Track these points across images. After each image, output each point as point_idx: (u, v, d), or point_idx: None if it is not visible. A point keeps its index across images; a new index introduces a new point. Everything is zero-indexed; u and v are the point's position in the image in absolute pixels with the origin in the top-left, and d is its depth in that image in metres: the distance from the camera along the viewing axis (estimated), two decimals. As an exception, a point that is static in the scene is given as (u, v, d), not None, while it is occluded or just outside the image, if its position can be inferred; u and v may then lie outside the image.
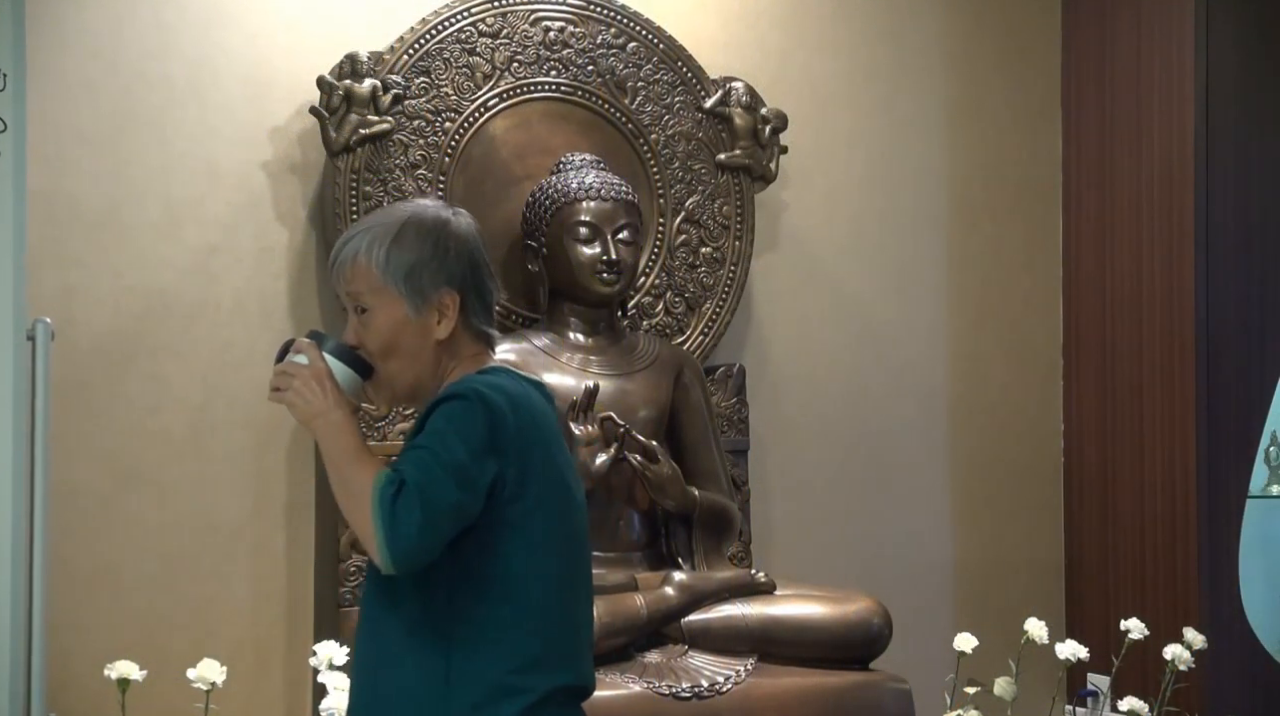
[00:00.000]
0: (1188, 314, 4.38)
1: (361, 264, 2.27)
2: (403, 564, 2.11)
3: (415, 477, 2.10)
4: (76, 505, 3.70)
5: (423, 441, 2.16)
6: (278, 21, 3.96)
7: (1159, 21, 4.50)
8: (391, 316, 2.27)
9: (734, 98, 4.26)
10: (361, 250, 2.28)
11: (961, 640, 3.85)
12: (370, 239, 2.28)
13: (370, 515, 2.10)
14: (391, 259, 2.26)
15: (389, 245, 2.27)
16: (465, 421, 2.16)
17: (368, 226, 2.31)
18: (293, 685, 3.89)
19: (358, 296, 2.28)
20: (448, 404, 2.18)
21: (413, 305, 2.26)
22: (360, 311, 2.29)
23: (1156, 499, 4.48)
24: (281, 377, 2.24)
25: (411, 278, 2.26)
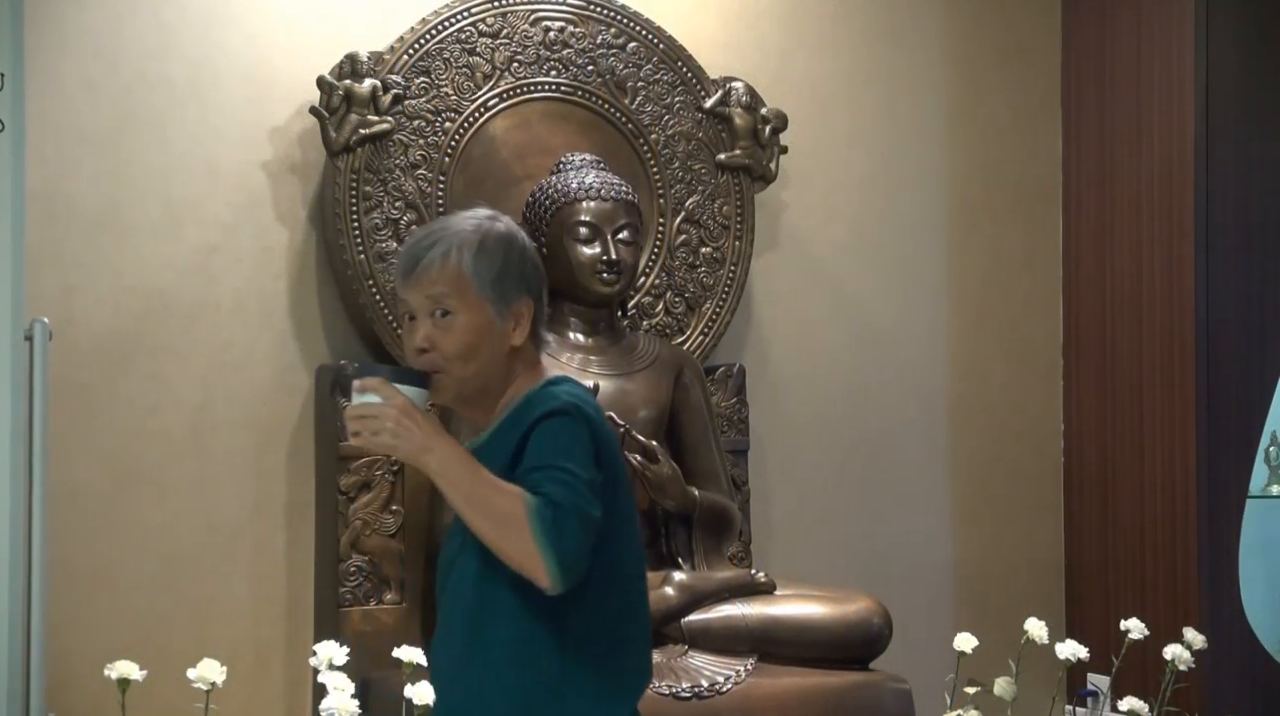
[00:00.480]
0: (1188, 314, 4.38)
1: (451, 268, 2.29)
2: (571, 580, 2.17)
3: (566, 497, 2.16)
4: (76, 505, 3.70)
5: (550, 460, 2.20)
6: (278, 22, 3.96)
7: (1159, 21, 4.50)
8: (475, 321, 2.29)
9: (734, 98, 4.26)
10: (451, 255, 2.29)
11: (961, 640, 3.84)
12: (455, 244, 2.30)
13: (532, 538, 2.14)
14: (479, 265, 2.29)
15: (475, 252, 2.30)
16: (577, 437, 2.23)
17: (444, 233, 2.32)
18: (293, 685, 3.89)
19: (440, 299, 2.29)
20: (554, 421, 2.23)
21: (497, 311, 2.30)
22: (441, 314, 2.29)
23: (1156, 499, 4.48)
24: (363, 422, 2.21)
25: (497, 285, 2.30)
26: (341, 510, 3.81)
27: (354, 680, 3.19)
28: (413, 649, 3.26)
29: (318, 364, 3.95)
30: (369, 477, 3.84)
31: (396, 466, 3.85)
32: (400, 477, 3.86)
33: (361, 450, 3.82)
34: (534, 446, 2.22)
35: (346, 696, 3.08)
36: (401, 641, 3.41)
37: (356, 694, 3.12)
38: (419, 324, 2.31)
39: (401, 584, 3.84)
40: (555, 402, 2.25)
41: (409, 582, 3.84)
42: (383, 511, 3.84)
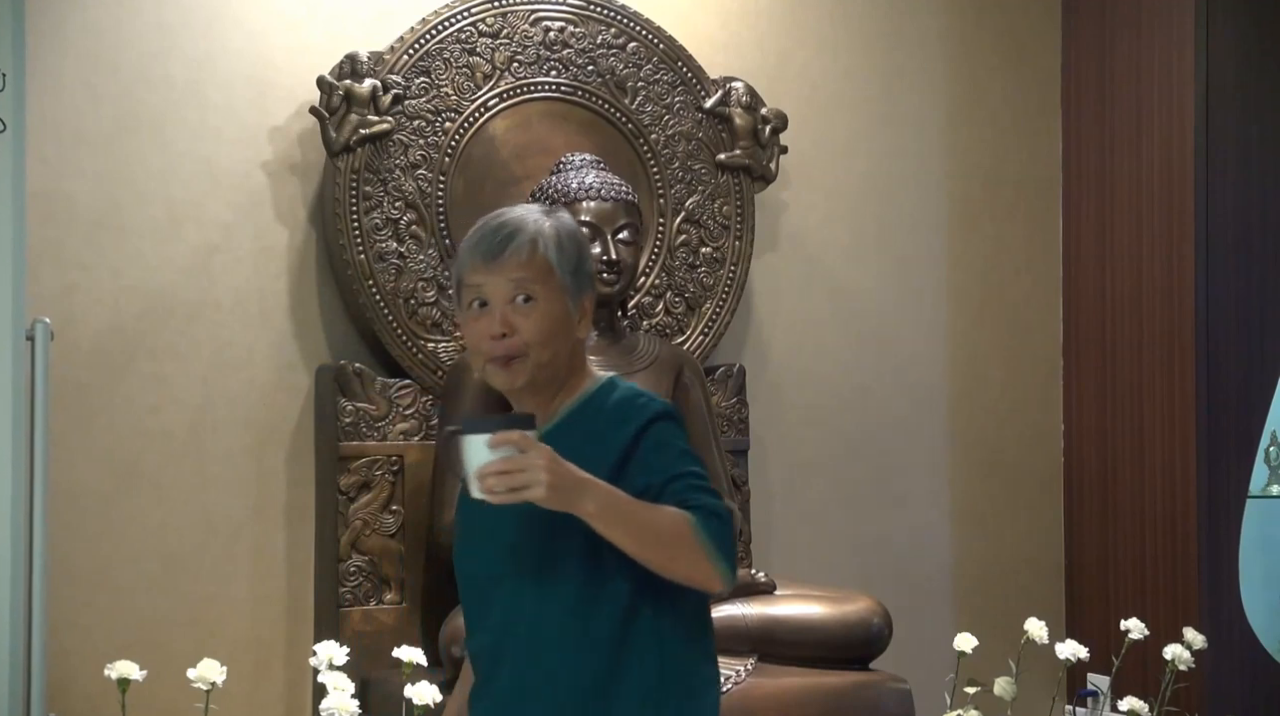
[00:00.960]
0: (1188, 314, 4.38)
1: (540, 257, 2.28)
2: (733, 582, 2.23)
3: (715, 502, 2.20)
4: (76, 505, 3.70)
5: (681, 467, 2.23)
6: (278, 22, 3.96)
7: (1159, 21, 4.50)
8: (555, 309, 2.29)
9: (734, 98, 4.26)
10: (539, 243, 2.29)
11: (961, 640, 3.84)
12: (539, 233, 2.30)
13: (705, 551, 2.16)
14: (562, 255, 2.30)
15: (557, 244, 2.31)
16: (683, 438, 2.28)
17: (522, 222, 2.32)
18: (293, 685, 3.90)
19: (523, 284, 2.28)
20: (664, 425, 2.26)
21: (574, 302, 2.31)
22: (524, 299, 2.28)
23: (1156, 499, 4.48)
24: (508, 477, 2.10)
25: (574, 277, 2.31)
26: (341, 510, 3.82)
27: (354, 680, 3.19)
28: (413, 649, 3.26)
29: (318, 364, 3.95)
30: (369, 477, 3.84)
31: (396, 466, 3.85)
32: (400, 478, 3.86)
33: (361, 450, 3.82)
34: (654, 453, 2.23)
35: (346, 696, 3.07)
36: (401, 641, 3.41)
37: (356, 694, 3.12)
38: (493, 309, 2.29)
39: (401, 584, 3.84)
40: (656, 405, 2.28)
41: (409, 582, 3.84)
42: (383, 511, 3.85)
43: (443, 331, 3.93)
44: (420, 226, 3.91)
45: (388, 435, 3.86)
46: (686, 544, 2.15)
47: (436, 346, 3.91)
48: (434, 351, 3.91)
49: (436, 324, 3.92)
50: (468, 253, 2.32)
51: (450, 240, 3.92)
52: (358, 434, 3.83)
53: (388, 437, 3.86)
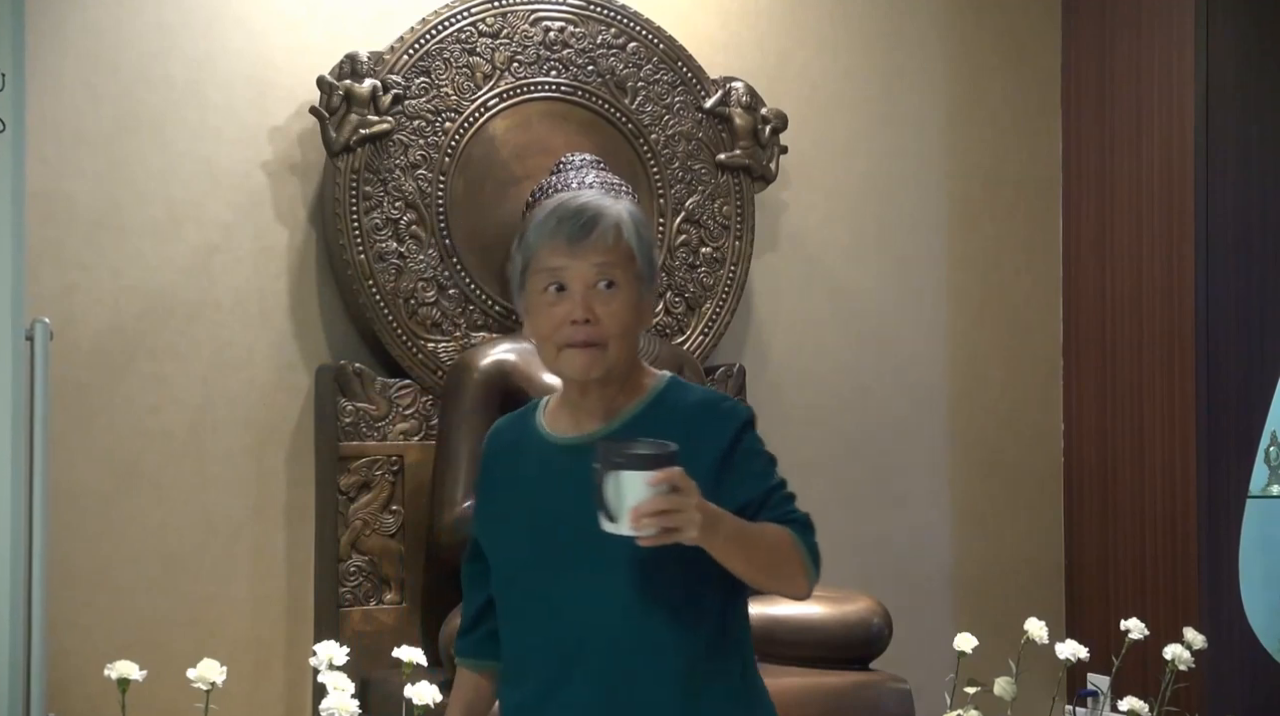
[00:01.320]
0: (1188, 314, 4.38)
1: (625, 243, 2.19)
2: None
3: (806, 517, 2.23)
4: (76, 505, 3.70)
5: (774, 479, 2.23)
6: (278, 22, 3.96)
7: (1159, 21, 4.50)
8: (634, 297, 2.19)
9: (734, 98, 4.26)
10: (624, 229, 2.20)
11: (961, 640, 3.84)
12: (623, 219, 2.20)
13: (803, 565, 2.20)
14: (641, 243, 2.21)
15: (636, 228, 2.22)
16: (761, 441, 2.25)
17: (606, 206, 2.21)
18: (293, 685, 3.89)
19: (608, 268, 2.18)
20: (752, 433, 2.23)
21: (649, 290, 2.23)
22: (606, 285, 2.17)
23: (1156, 499, 4.48)
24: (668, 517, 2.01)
25: (650, 266, 2.23)
26: (341, 510, 3.82)
27: (354, 680, 3.18)
28: (412, 649, 3.26)
29: (318, 364, 3.95)
30: (369, 477, 3.84)
31: (396, 466, 3.85)
32: (400, 478, 3.86)
33: (361, 450, 3.82)
34: (752, 463, 2.20)
35: (346, 696, 3.07)
36: (401, 641, 3.41)
37: (356, 694, 3.12)
38: (573, 294, 2.17)
39: (401, 584, 3.84)
40: (743, 409, 2.23)
41: (409, 582, 3.84)
42: (383, 511, 3.85)
43: (442, 331, 3.93)
44: (420, 226, 3.90)
45: (388, 435, 3.86)
46: (791, 560, 2.18)
47: (436, 346, 3.91)
48: (434, 351, 3.91)
49: (436, 324, 3.92)
50: (546, 235, 2.19)
51: (450, 240, 3.92)
52: (358, 434, 3.83)
53: (388, 437, 3.86)
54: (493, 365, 3.77)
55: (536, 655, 2.21)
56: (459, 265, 3.94)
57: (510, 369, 3.78)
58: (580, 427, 2.22)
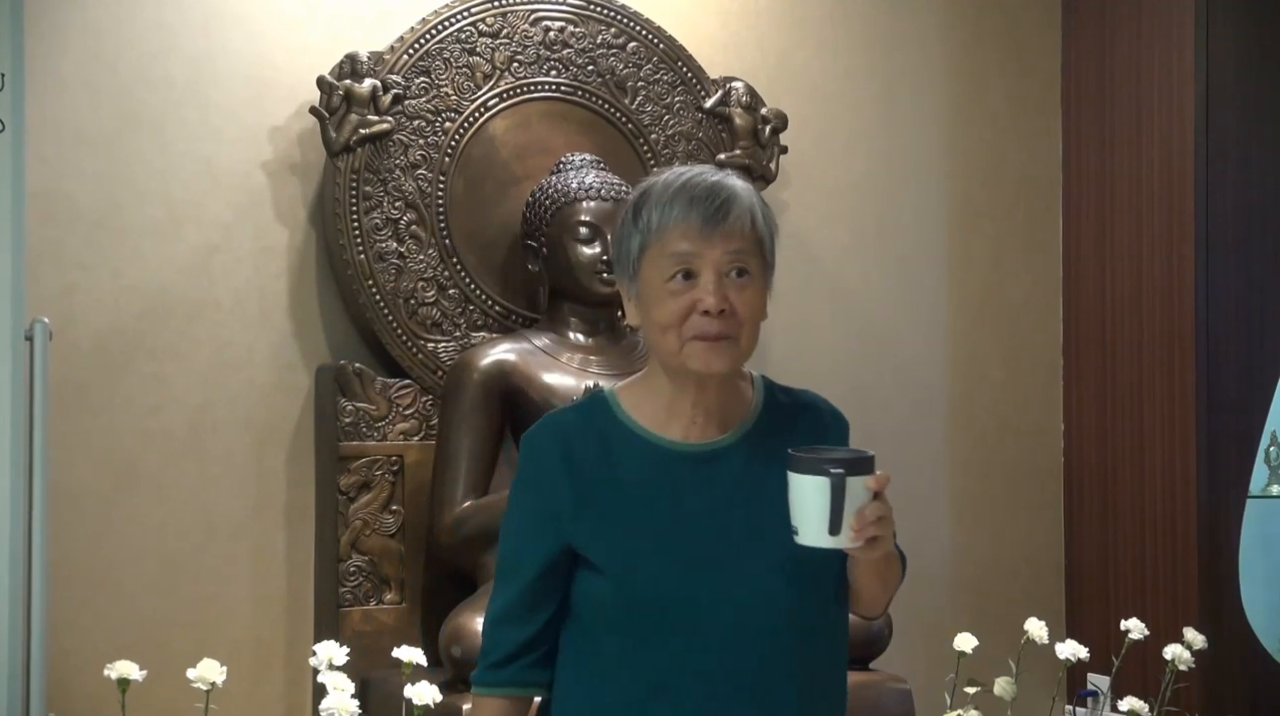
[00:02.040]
0: (1188, 314, 4.39)
1: (759, 229, 2.04)
2: None
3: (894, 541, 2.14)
4: (76, 505, 3.70)
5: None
6: (278, 21, 3.95)
7: (1159, 21, 4.50)
8: (762, 288, 2.07)
9: (734, 98, 4.26)
10: (757, 215, 2.04)
11: (961, 640, 3.84)
12: (754, 199, 2.05)
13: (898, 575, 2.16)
14: (770, 230, 2.07)
15: (765, 214, 2.06)
16: None
17: (736, 188, 2.04)
18: (293, 685, 3.90)
19: (743, 256, 2.02)
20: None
21: (770, 277, 2.09)
22: (738, 274, 2.02)
23: (1156, 499, 4.48)
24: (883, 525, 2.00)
25: (773, 256, 2.08)
26: (341, 510, 3.82)
27: (354, 680, 3.18)
28: (412, 649, 3.26)
29: (318, 364, 3.95)
30: (369, 477, 3.84)
31: (396, 466, 3.85)
32: (400, 478, 3.86)
33: (361, 450, 3.82)
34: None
35: (346, 696, 3.07)
36: (401, 641, 3.41)
37: (356, 694, 3.12)
38: (705, 282, 2.00)
39: (401, 584, 3.84)
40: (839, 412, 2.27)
41: (409, 582, 3.84)
42: (383, 511, 3.84)
43: (443, 331, 3.93)
44: (420, 226, 3.90)
45: (388, 435, 3.86)
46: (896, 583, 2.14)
47: (436, 346, 3.91)
48: (434, 351, 3.91)
49: (436, 324, 3.92)
50: (676, 216, 2.00)
51: (450, 240, 3.92)
52: (358, 434, 3.83)
53: (388, 437, 3.86)
54: (493, 365, 3.77)
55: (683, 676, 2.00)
56: (459, 265, 3.94)
57: (510, 369, 3.78)
58: (697, 432, 2.08)
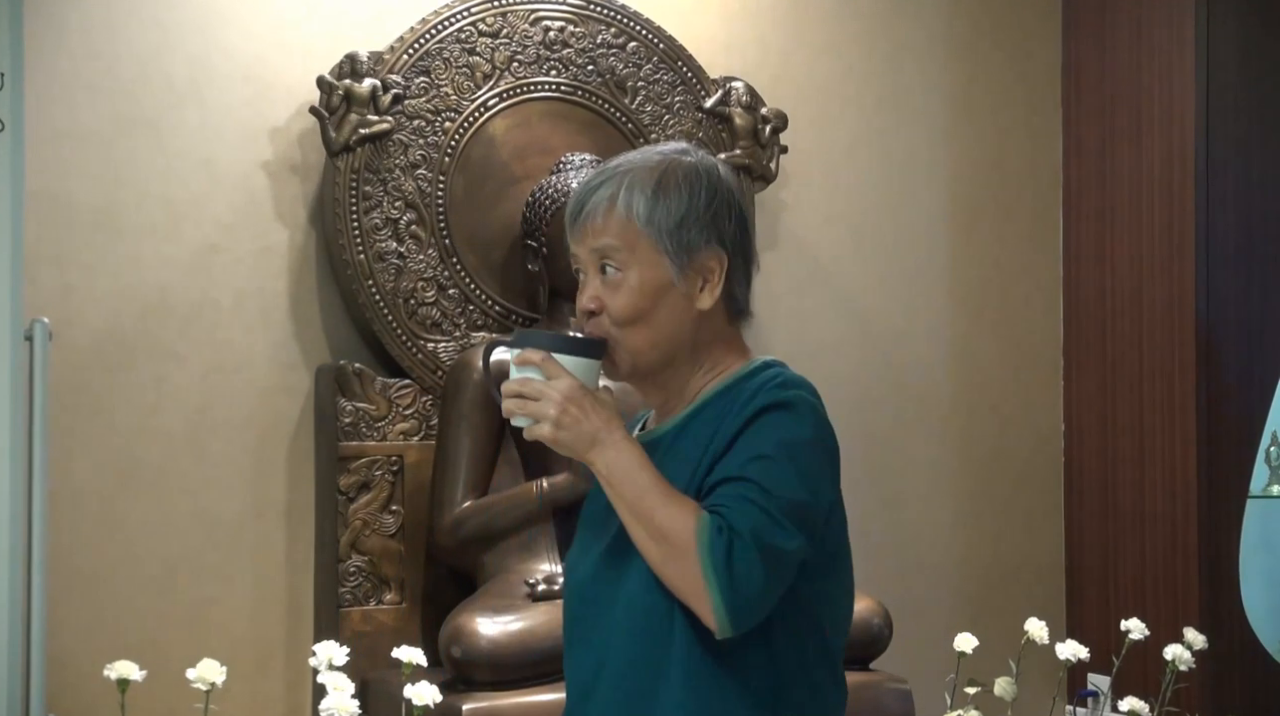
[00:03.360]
0: (1188, 314, 4.38)
1: (618, 214, 1.89)
2: (743, 626, 1.79)
3: (749, 523, 1.77)
4: (76, 505, 3.70)
5: (748, 470, 1.80)
6: (278, 21, 3.95)
7: (1159, 21, 4.50)
8: (649, 278, 1.89)
9: (734, 98, 4.26)
10: (619, 198, 1.89)
11: (961, 640, 3.84)
12: (627, 184, 1.90)
13: (700, 572, 1.76)
14: (657, 209, 1.89)
15: (651, 194, 1.89)
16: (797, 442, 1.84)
17: (618, 170, 1.92)
18: (293, 685, 3.89)
19: (607, 252, 1.90)
20: (772, 416, 1.85)
21: (676, 267, 1.89)
22: (610, 270, 1.90)
23: (1156, 499, 4.48)
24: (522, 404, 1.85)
25: (677, 234, 1.89)
26: (341, 510, 3.81)
27: (353, 680, 3.18)
28: (412, 649, 3.26)
29: (318, 364, 3.95)
30: (369, 477, 3.84)
31: (396, 466, 3.85)
32: (400, 478, 3.86)
33: (361, 450, 3.82)
34: (751, 444, 1.83)
35: (346, 696, 3.07)
36: (401, 641, 3.41)
37: (356, 694, 3.12)
38: (588, 281, 1.93)
39: (401, 584, 3.84)
40: (781, 394, 1.87)
41: (409, 582, 3.84)
42: (383, 511, 3.84)
43: (442, 331, 3.92)
44: (420, 226, 3.90)
45: (387, 435, 3.86)
46: (682, 551, 1.77)
47: (436, 346, 3.91)
48: (434, 351, 3.91)
49: (436, 324, 3.92)
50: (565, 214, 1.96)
51: (450, 240, 3.92)
52: (357, 434, 3.83)
53: (387, 438, 3.86)
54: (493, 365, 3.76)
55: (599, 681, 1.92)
56: (459, 265, 3.94)
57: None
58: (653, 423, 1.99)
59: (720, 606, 1.76)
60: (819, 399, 1.92)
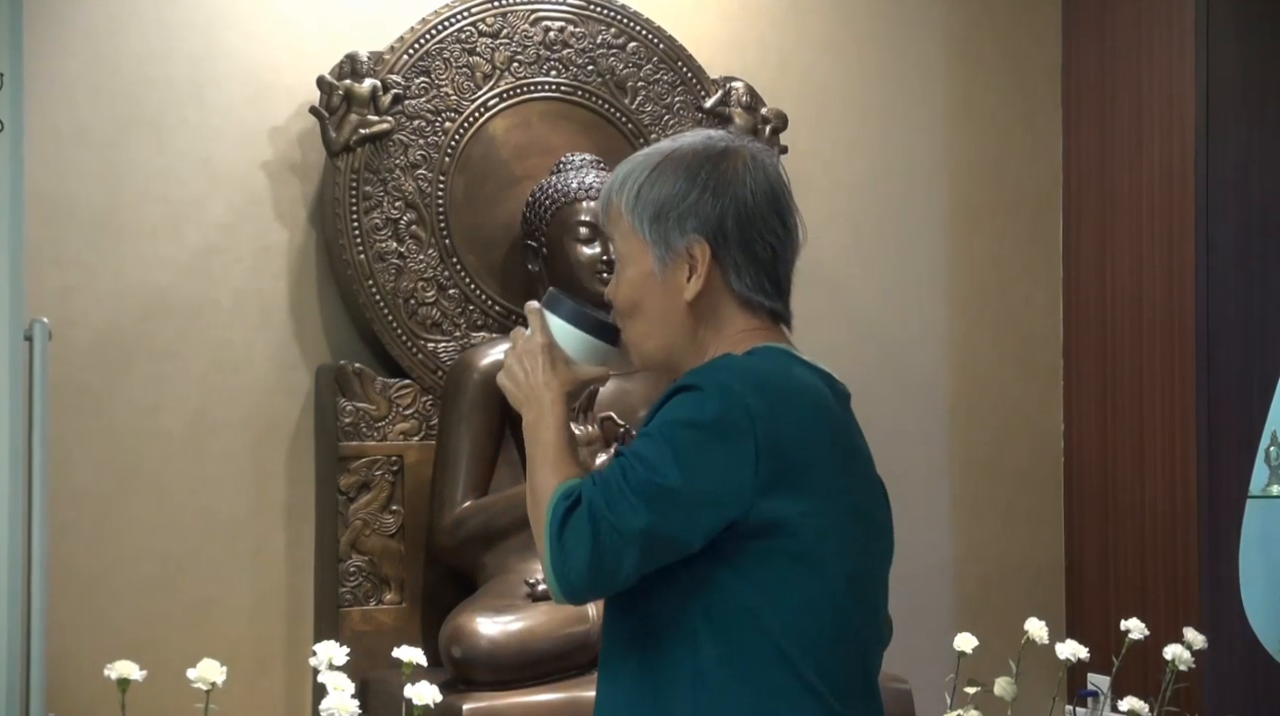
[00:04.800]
0: (1188, 314, 4.38)
1: (614, 205, 1.89)
2: (571, 597, 1.76)
3: (598, 497, 1.74)
4: (76, 505, 3.70)
5: (637, 446, 1.77)
6: (278, 21, 3.95)
7: (1159, 21, 4.50)
8: (638, 269, 1.87)
9: (734, 98, 4.26)
10: (615, 188, 1.89)
11: (961, 640, 3.84)
12: (626, 173, 1.89)
13: (543, 534, 1.76)
14: (641, 198, 1.86)
15: (644, 180, 1.87)
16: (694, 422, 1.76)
17: (633, 160, 1.92)
18: (293, 685, 3.89)
19: (611, 243, 1.93)
20: (680, 396, 1.78)
21: (657, 255, 1.85)
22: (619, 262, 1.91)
23: (1156, 499, 4.48)
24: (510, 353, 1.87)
25: (657, 224, 1.86)
26: (341, 510, 3.81)
27: (354, 680, 3.19)
28: (412, 649, 3.26)
29: (318, 364, 3.95)
30: (369, 477, 3.84)
31: (396, 466, 3.85)
32: (400, 478, 3.86)
33: (361, 450, 3.83)
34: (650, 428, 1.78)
35: (346, 696, 3.08)
36: (401, 641, 3.41)
37: (356, 694, 3.12)
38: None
39: (401, 584, 3.84)
40: (696, 377, 1.79)
41: (409, 582, 3.84)
42: (383, 511, 3.84)
43: (443, 331, 3.92)
44: (420, 226, 3.90)
45: (388, 435, 3.86)
46: (537, 512, 1.78)
47: (436, 346, 3.91)
48: (434, 351, 3.91)
49: (436, 324, 3.92)
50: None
51: (450, 240, 3.92)
52: (357, 434, 3.83)
53: (388, 438, 3.86)
54: (493, 365, 3.77)
55: None
56: (459, 265, 3.94)
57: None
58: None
59: (549, 570, 1.75)
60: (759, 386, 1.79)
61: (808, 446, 1.81)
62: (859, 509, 1.90)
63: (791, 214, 1.95)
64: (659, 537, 1.74)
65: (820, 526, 1.83)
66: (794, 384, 1.84)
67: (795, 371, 1.88)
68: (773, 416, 1.78)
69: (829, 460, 1.84)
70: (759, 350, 1.88)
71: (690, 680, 1.79)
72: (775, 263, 1.93)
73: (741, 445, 1.76)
